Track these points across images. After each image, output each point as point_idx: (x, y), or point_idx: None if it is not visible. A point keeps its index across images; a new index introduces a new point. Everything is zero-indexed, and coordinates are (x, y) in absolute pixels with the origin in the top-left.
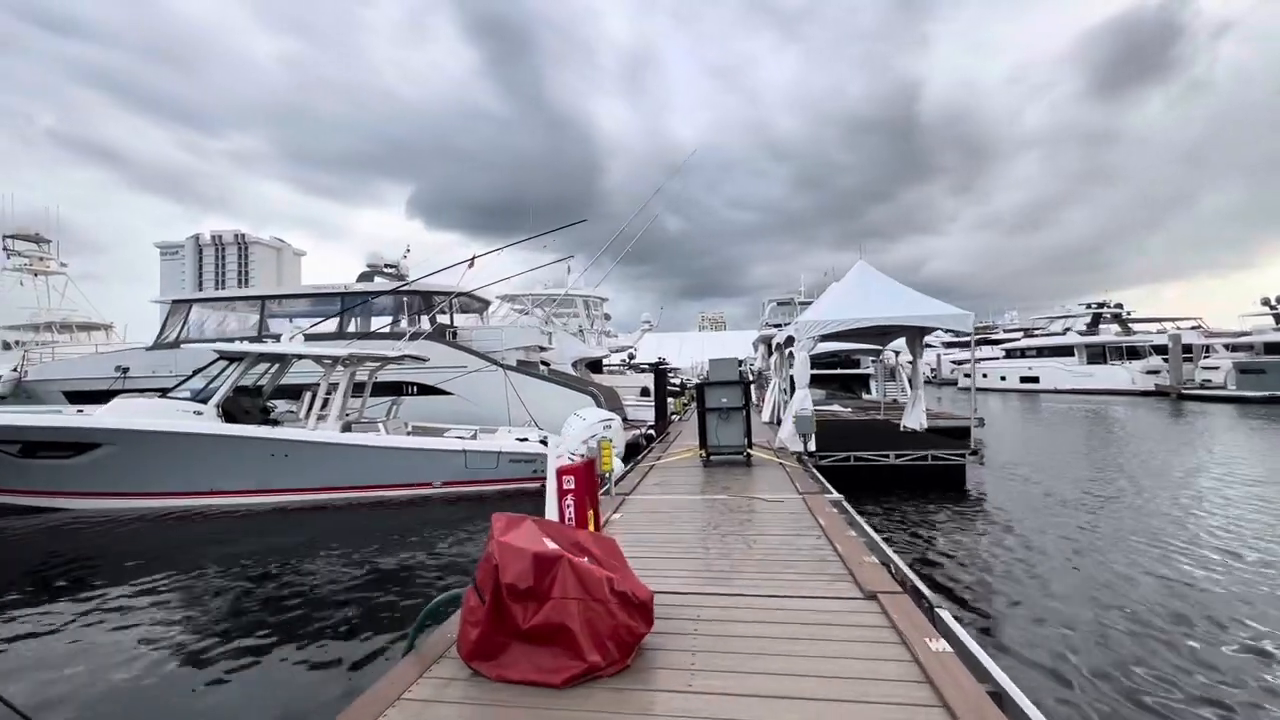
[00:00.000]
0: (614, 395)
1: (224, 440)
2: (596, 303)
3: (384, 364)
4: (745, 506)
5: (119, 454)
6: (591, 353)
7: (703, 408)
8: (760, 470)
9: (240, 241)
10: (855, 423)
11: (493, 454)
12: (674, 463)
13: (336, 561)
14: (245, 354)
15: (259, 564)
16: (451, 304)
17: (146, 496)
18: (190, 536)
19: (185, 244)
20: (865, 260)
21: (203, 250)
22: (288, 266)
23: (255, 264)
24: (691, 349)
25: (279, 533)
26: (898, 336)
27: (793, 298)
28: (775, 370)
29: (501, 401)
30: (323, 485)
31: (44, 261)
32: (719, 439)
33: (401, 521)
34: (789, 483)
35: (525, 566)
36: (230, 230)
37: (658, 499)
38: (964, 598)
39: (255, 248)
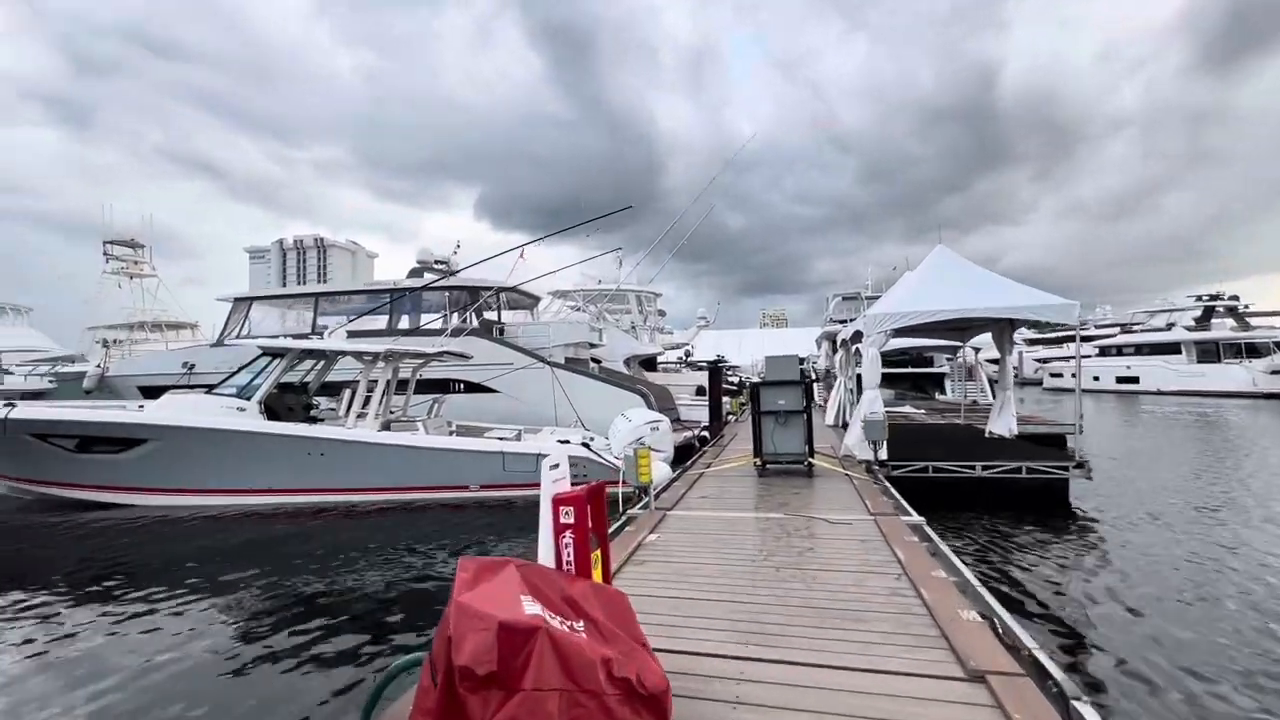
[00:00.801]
0: (666, 394)
1: (262, 438)
2: (650, 298)
3: (426, 361)
4: (805, 529)
5: (163, 450)
6: (644, 350)
7: (758, 410)
8: (823, 482)
9: (319, 245)
10: (931, 427)
11: (531, 456)
12: (726, 470)
13: (364, 566)
14: (287, 350)
15: (280, 568)
16: (499, 299)
17: (189, 493)
18: (224, 536)
19: (270, 248)
20: (944, 246)
21: (286, 254)
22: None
23: (332, 266)
24: (751, 346)
25: (309, 534)
26: (981, 331)
27: (859, 292)
28: (841, 368)
29: (548, 400)
30: (359, 486)
31: (138, 265)
32: (776, 446)
33: (437, 525)
34: (857, 499)
35: (487, 641)
36: (310, 235)
37: (703, 516)
38: (1101, 678)
39: (332, 250)
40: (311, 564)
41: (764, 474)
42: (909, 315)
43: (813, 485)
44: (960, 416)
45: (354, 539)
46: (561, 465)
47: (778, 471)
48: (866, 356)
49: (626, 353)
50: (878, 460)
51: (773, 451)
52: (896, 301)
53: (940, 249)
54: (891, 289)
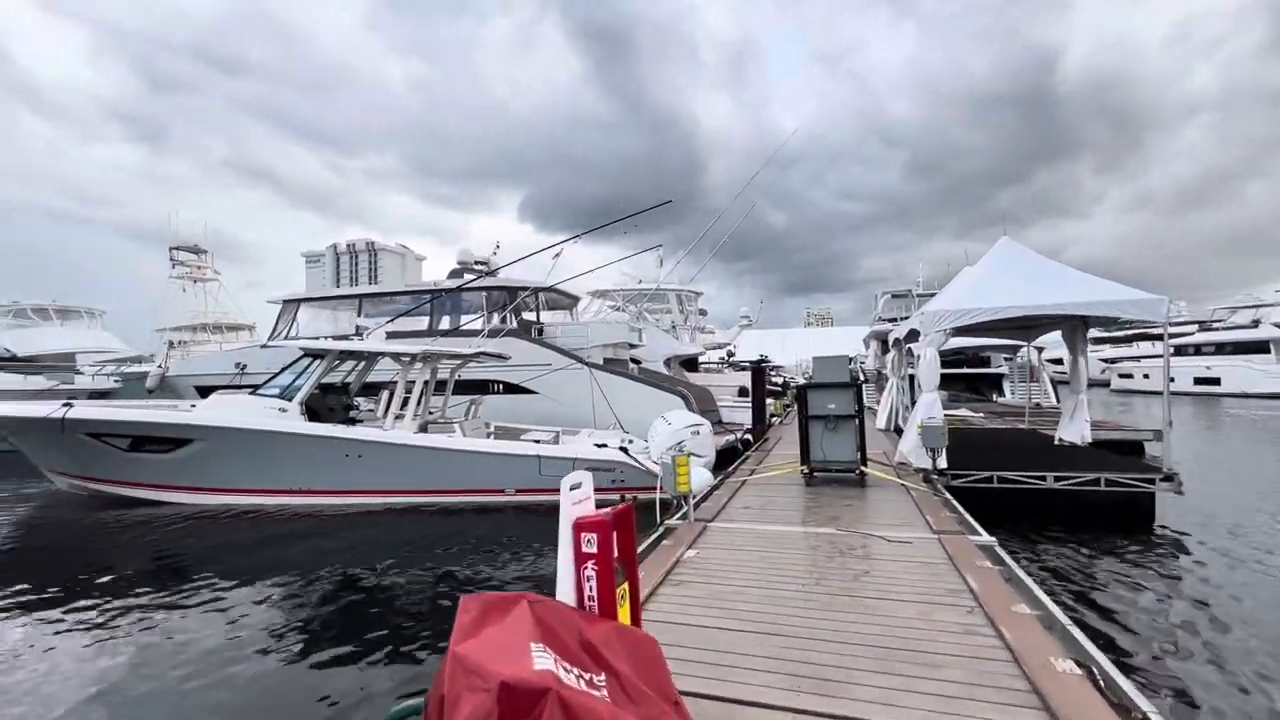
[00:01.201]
0: (707, 396)
1: (300, 439)
2: (690, 297)
3: (464, 362)
4: (860, 548)
5: (207, 450)
6: (685, 350)
7: (805, 414)
8: (877, 493)
9: (370, 249)
10: (992, 432)
11: (567, 461)
12: (771, 478)
13: (396, 570)
14: (326, 351)
15: (311, 569)
16: (537, 299)
17: (232, 492)
18: (259, 534)
19: (325, 252)
20: (1009, 238)
21: (339, 258)
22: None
23: (383, 269)
24: (795, 346)
25: (343, 535)
26: (1049, 329)
27: (910, 290)
28: (892, 369)
29: (587, 401)
30: (394, 487)
31: (201, 270)
32: (825, 453)
33: (470, 529)
34: (916, 513)
35: (485, 706)
36: (362, 239)
37: (746, 530)
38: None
39: (382, 254)
40: (344, 565)
41: (812, 483)
42: (971, 313)
43: (866, 496)
44: (1024, 421)
45: (388, 541)
46: (584, 484)
47: (827, 480)
48: (924, 357)
49: (667, 353)
50: (936, 469)
51: (821, 459)
52: (956, 298)
53: (1005, 241)
54: (950, 284)
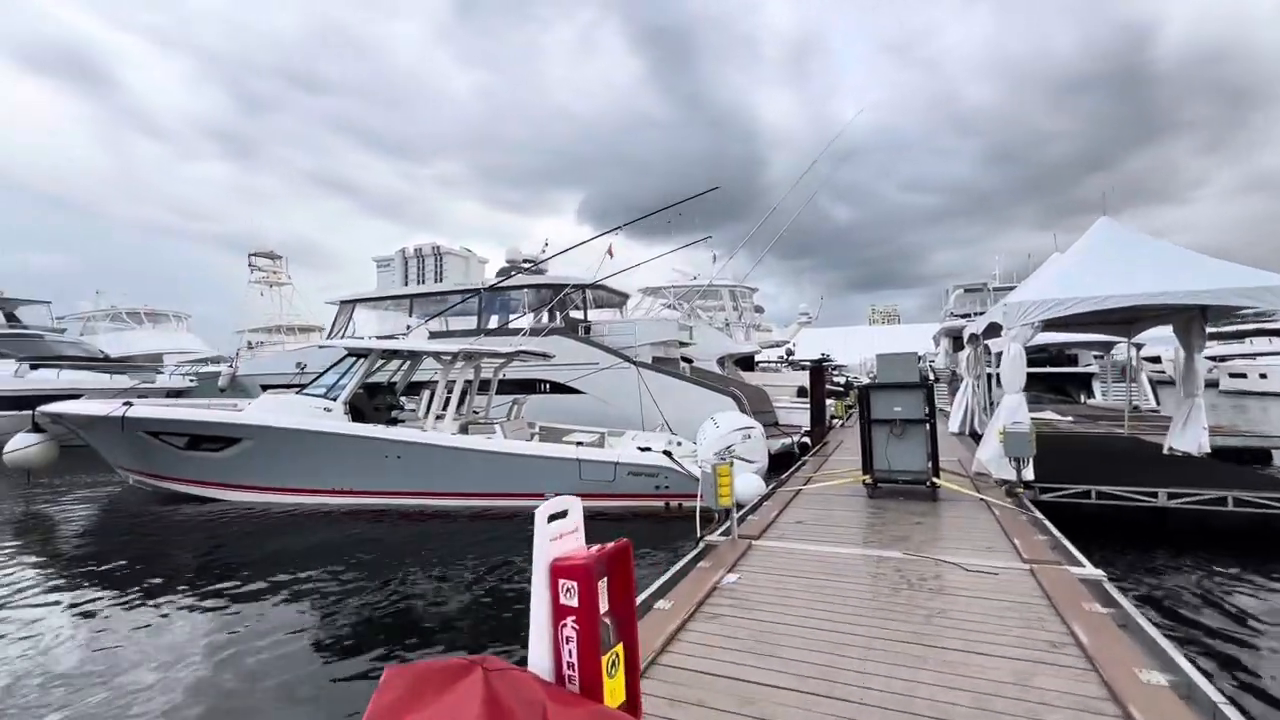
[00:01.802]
0: (762, 396)
1: (340, 439)
2: (745, 293)
3: (507, 361)
4: (933, 579)
5: (255, 449)
6: (739, 348)
7: (867, 418)
8: (952, 508)
9: (436, 253)
10: (1086, 439)
11: (609, 465)
12: (829, 488)
13: (427, 573)
14: (370, 351)
15: (347, 569)
16: (584, 297)
17: (276, 491)
18: (300, 533)
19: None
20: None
21: (407, 262)
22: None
23: (447, 272)
24: (859, 344)
25: (381, 537)
26: (1155, 322)
27: (985, 284)
28: (967, 368)
29: (634, 402)
30: (432, 489)
31: (276, 275)
32: (890, 462)
33: (509, 534)
34: (1000, 533)
35: None
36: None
37: (798, 550)
38: None
39: (448, 258)
40: (380, 567)
41: (875, 494)
42: (1066, 303)
43: (938, 512)
44: (1122, 426)
45: (424, 544)
46: (572, 513)
47: (892, 492)
48: (1007, 353)
49: (720, 351)
50: (1022, 481)
51: (886, 469)
52: (1044, 287)
53: (1105, 222)
54: (1037, 272)
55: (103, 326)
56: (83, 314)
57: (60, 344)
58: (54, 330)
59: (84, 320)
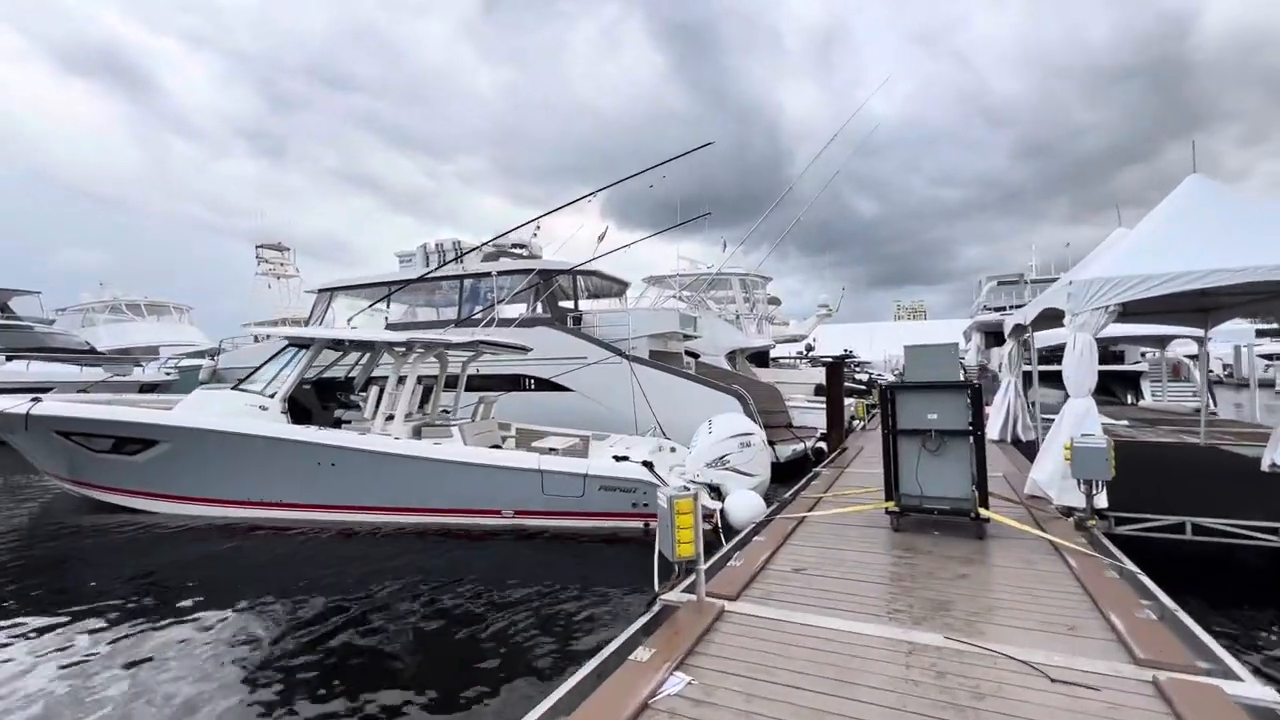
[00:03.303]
0: (774, 395)
1: (264, 442)
2: (757, 282)
3: (475, 354)
4: (994, 693)
5: (171, 453)
6: (750, 342)
7: (892, 427)
8: (1006, 552)
9: (456, 247)
10: (1156, 451)
11: (577, 477)
12: (842, 516)
13: (358, 605)
14: (313, 340)
15: (266, 596)
16: (575, 284)
17: (199, 502)
18: (212, 552)
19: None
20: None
21: (428, 256)
22: None
23: (467, 265)
24: (884, 340)
25: (308, 558)
26: (1236, 311)
27: (1021, 275)
28: (1008, 366)
29: (628, 400)
30: (372, 503)
31: (284, 267)
32: (923, 486)
33: (456, 558)
34: (1083, 599)
35: None
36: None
37: (789, 624)
38: None
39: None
40: (301, 595)
41: (902, 527)
42: (1157, 280)
43: (989, 559)
44: (1195, 434)
45: (359, 568)
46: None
47: (923, 524)
48: (1073, 347)
49: (730, 345)
50: (1093, 510)
51: (917, 494)
52: (1119, 262)
53: (1195, 180)
54: (1106, 245)
55: (101, 318)
56: (82, 306)
57: (48, 335)
58: (44, 321)
59: (83, 312)
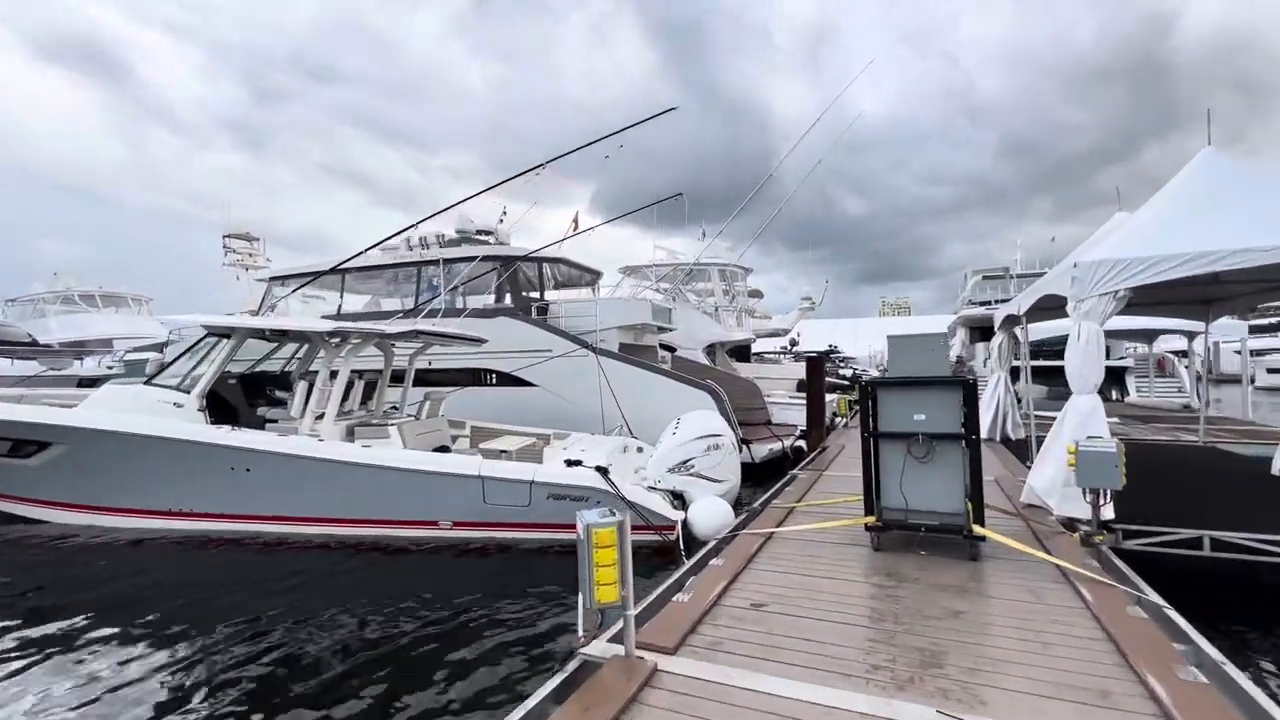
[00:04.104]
0: (752, 390)
1: (171, 445)
2: (736, 274)
3: (422, 347)
4: None
5: (67, 456)
6: (730, 335)
7: (873, 430)
8: (1006, 578)
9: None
10: (1154, 451)
11: (522, 485)
12: (818, 533)
13: (268, 633)
14: (233, 329)
15: (168, 620)
16: (540, 272)
17: (99, 511)
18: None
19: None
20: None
21: (413, 250)
22: None
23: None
24: (870, 336)
25: (214, 579)
26: (1239, 301)
27: (1007, 269)
28: (998, 360)
29: (595, 396)
30: (290, 514)
31: (253, 258)
32: (908, 498)
33: (383, 576)
34: (1106, 644)
35: None
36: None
37: (736, 689)
38: None
39: None
40: (209, 620)
41: (884, 547)
42: (1177, 261)
43: (986, 587)
44: (1192, 432)
45: (284, 585)
46: None
47: (908, 542)
48: (1077, 338)
49: (708, 338)
50: (1100, 522)
51: (901, 508)
52: (1127, 243)
53: (1209, 155)
54: (1104, 231)
55: (53, 309)
56: (32, 296)
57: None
58: None
59: (33, 303)
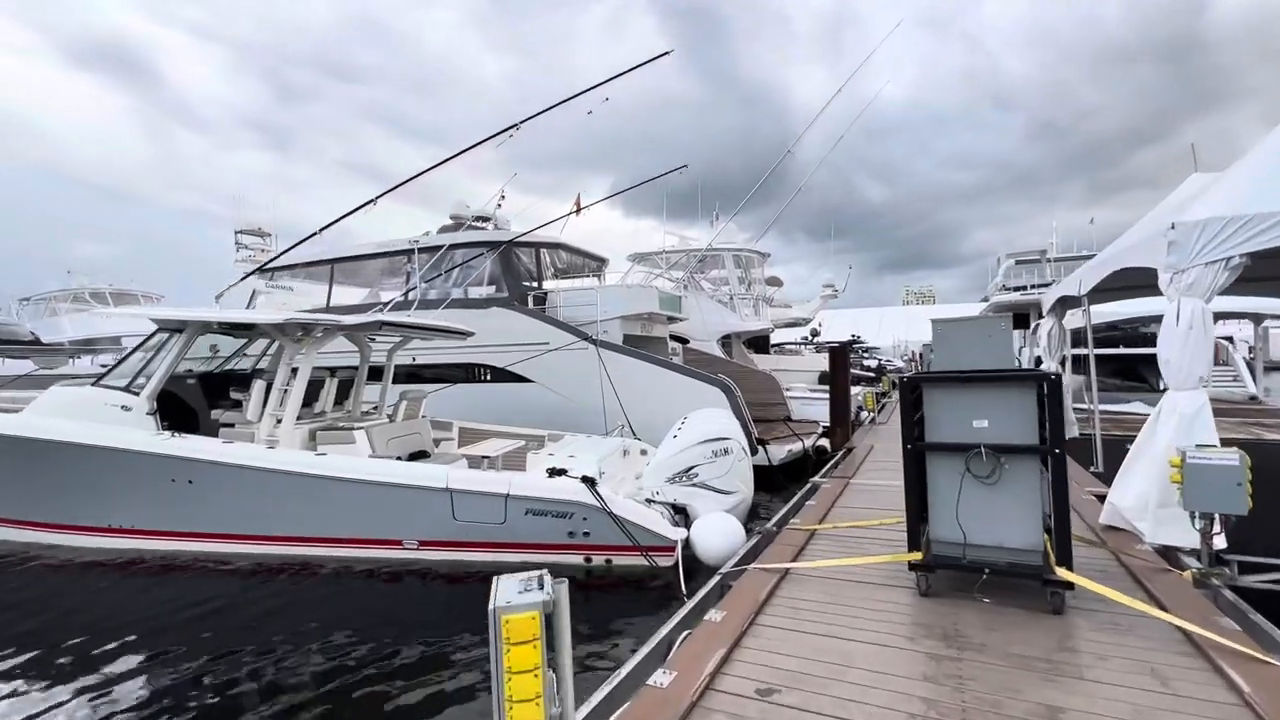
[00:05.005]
0: (770, 384)
1: (105, 454)
2: (753, 259)
3: (402, 341)
4: None
5: (6, 466)
6: (744, 325)
7: (915, 437)
8: (1106, 640)
9: None
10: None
11: (496, 498)
12: (844, 569)
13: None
14: (186, 322)
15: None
16: (538, 259)
17: (27, 526)
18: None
19: None
20: None
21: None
22: None
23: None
24: (895, 326)
25: (142, 605)
26: None
27: (1043, 252)
28: (1048, 348)
29: (595, 391)
30: (237, 531)
31: (264, 253)
32: (966, 529)
33: (341, 605)
34: None
35: None
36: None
37: None
38: None
39: None
40: (134, 653)
41: (933, 590)
42: None
43: (1082, 662)
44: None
45: (236, 612)
46: None
47: (964, 586)
48: (1177, 318)
49: (723, 329)
50: (1210, 553)
51: (957, 541)
52: (1244, 195)
53: None
54: (1182, 197)
55: (64, 308)
56: (45, 295)
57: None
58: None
59: (46, 302)
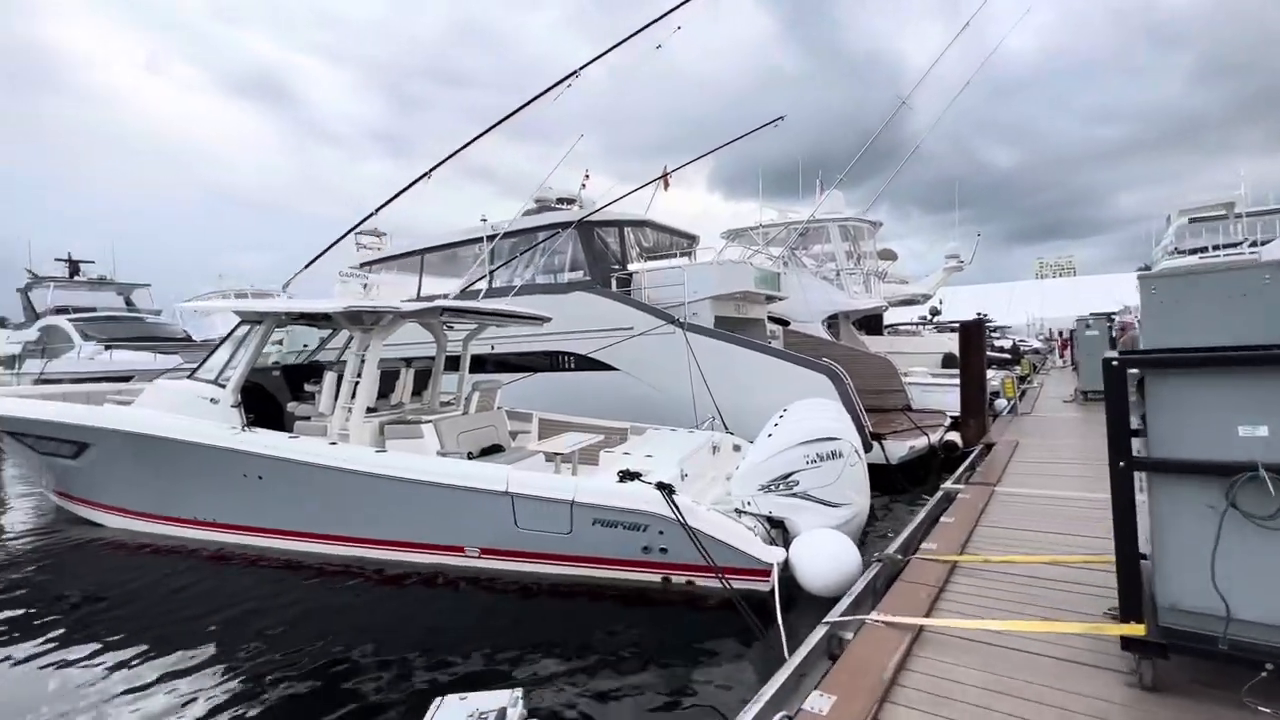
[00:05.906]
0: (885, 369)
1: (183, 448)
2: (863, 230)
3: (478, 329)
4: None
5: (100, 458)
6: (853, 304)
7: (1132, 457)
8: None
9: None
10: None
11: (561, 504)
12: (1004, 635)
13: None
14: (264, 315)
15: None
16: (622, 239)
17: (136, 516)
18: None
19: None
20: None
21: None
22: None
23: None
24: (1027, 302)
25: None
26: None
27: (1231, 204)
28: None
29: (685, 380)
30: (300, 529)
31: (381, 252)
32: (1227, 594)
33: (396, 617)
34: None
35: None
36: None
37: None
38: None
39: None
40: None
41: (1162, 684)
42: None
43: None
44: None
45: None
46: None
47: (1214, 677)
48: None
49: (828, 308)
50: None
51: (1208, 611)
52: None
53: None
54: None
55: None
56: (197, 297)
57: (155, 325)
58: (152, 312)
59: None
